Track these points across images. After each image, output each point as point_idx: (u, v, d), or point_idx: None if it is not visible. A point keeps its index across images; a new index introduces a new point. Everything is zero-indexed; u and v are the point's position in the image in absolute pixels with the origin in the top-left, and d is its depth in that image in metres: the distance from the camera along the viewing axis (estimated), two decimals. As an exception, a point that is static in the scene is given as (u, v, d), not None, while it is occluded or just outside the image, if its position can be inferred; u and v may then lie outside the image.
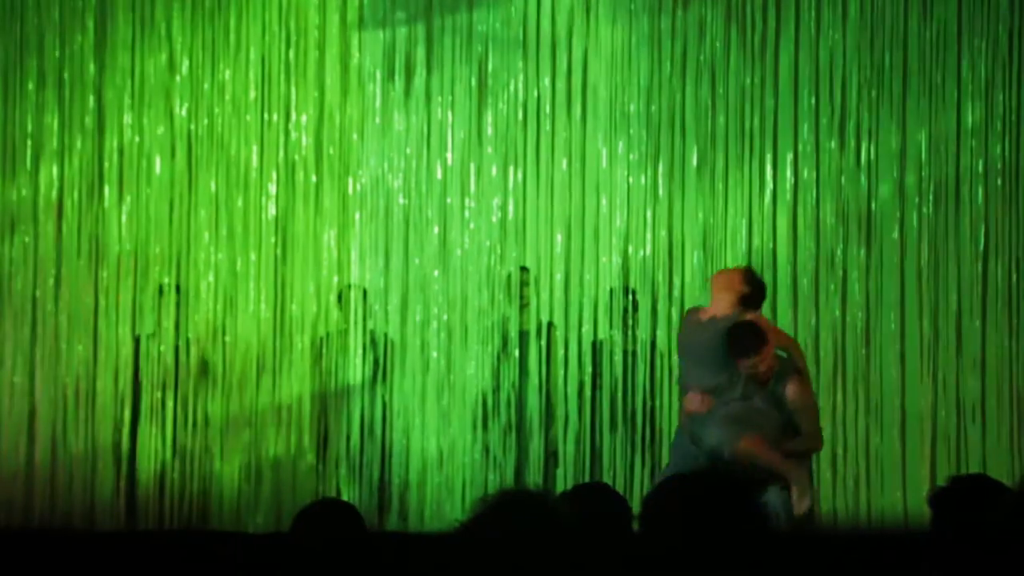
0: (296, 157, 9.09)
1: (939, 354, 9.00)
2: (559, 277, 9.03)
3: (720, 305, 7.39)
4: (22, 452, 8.84)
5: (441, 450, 8.94)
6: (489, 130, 9.13)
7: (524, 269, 8.95)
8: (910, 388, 8.95)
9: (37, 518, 8.66)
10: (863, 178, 9.03)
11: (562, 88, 9.11)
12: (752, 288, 7.43)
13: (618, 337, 8.96)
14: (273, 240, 9.05)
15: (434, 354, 9.01)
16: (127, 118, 9.04)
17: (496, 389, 8.98)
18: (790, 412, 7.28)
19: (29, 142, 8.99)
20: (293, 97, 9.09)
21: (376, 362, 8.99)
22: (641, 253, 9.01)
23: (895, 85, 9.06)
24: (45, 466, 8.82)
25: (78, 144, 9.01)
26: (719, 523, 2.64)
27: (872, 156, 9.03)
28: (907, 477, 8.87)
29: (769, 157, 9.03)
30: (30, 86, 8.99)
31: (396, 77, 9.12)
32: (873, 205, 9.03)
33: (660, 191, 9.06)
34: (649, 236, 8.99)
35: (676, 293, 8.97)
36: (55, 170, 8.99)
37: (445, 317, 9.03)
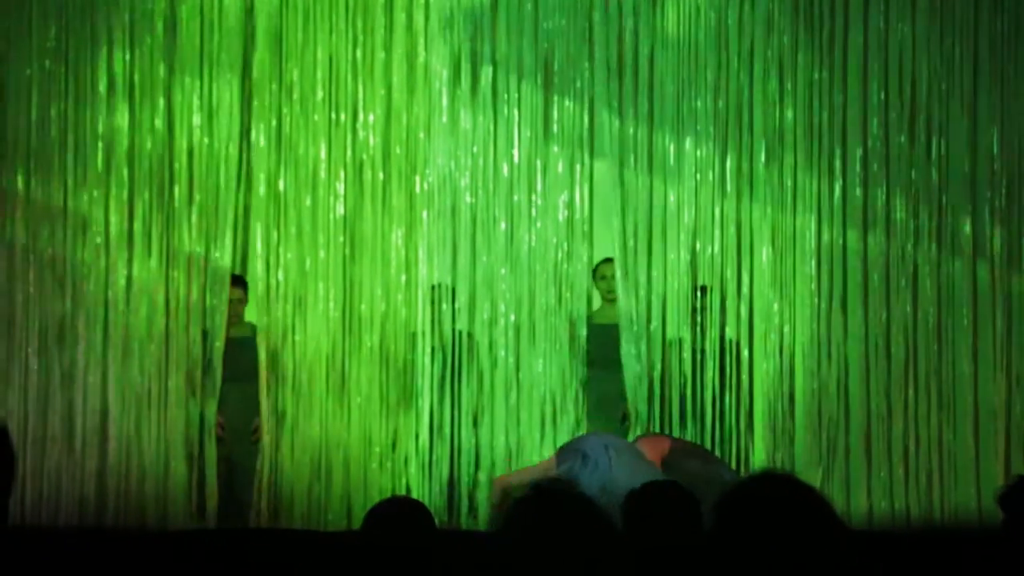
0: (364, 156, 9.11)
1: (1012, 349, 8.91)
2: (627, 274, 9.00)
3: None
4: (96, 451, 8.92)
5: (510, 448, 8.94)
6: (555, 127, 9.11)
7: (608, 260, 8.92)
8: (983, 384, 8.86)
9: (111, 517, 8.74)
10: (934, 172, 8.95)
11: (629, 84, 9.08)
12: None
13: (687, 334, 8.92)
14: (341, 239, 9.08)
15: (502, 352, 9.00)
16: (196, 119, 9.09)
17: (564, 386, 8.97)
18: None
19: (100, 144, 9.07)
20: (361, 96, 9.12)
21: (444, 360, 9.01)
22: (709, 250, 8.97)
23: (966, 78, 8.98)
24: (118, 465, 8.89)
25: (148, 145, 9.07)
26: (794, 525, 2.62)
27: (943, 150, 8.95)
28: (980, 473, 8.78)
29: (838, 152, 8.97)
30: (101, 88, 9.07)
31: (462, 75, 9.12)
32: (944, 199, 8.95)
33: (728, 187, 9.02)
34: (718, 232, 8.95)
35: (745, 290, 8.92)
36: (126, 171, 9.06)
37: (513, 315, 9.02)
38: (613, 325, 8.75)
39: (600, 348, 8.81)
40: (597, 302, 9.05)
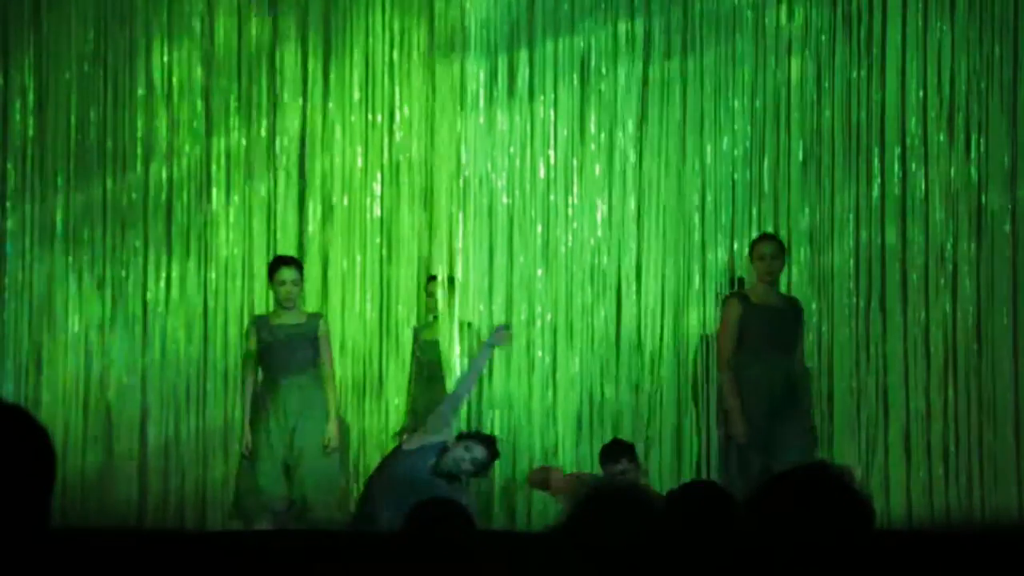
0: (401, 157, 9.13)
1: (1053, 348, 8.85)
2: (666, 274, 8.99)
3: None
4: (135, 453, 8.96)
5: (547, 449, 8.94)
6: (592, 128, 9.11)
7: (767, 238, 8.34)
8: (1024, 383, 8.81)
9: (151, 518, 8.78)
10: (973, 171, 8.90)
11: (666, 84, 9.07)
12: None
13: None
14: (378, 240, 9.10)
15: (539, 353, 9.00)
16: (234, 121, 9.13)
17: (602, 387, 8.96)
18: None
19: (139, 146, 9.12)
20: (397, 98, 9.13)
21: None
22: (747, 250, 8.94)
23: (1005, 76, 8.92)
24: (158, 467, 8.94)
25: (186, 147, 9.12)
26: (828, 520, 2.61)
27: (982, 149, 8.90)
28: (1021, 474, 8.73)
29: (877, 151, 8.93)
30: (140, 91, 9.12)
31: (499, 76, 9.12)
32: (983, 198, 8.89)
33: (765, 186, 8.99)
34: (755, 232, 8.91)
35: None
36: (164, 173, 9.11)
37: (549, 316, 9.02)
38: (775, 308, 8.11)
39: (768, 328, 8.07)
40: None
